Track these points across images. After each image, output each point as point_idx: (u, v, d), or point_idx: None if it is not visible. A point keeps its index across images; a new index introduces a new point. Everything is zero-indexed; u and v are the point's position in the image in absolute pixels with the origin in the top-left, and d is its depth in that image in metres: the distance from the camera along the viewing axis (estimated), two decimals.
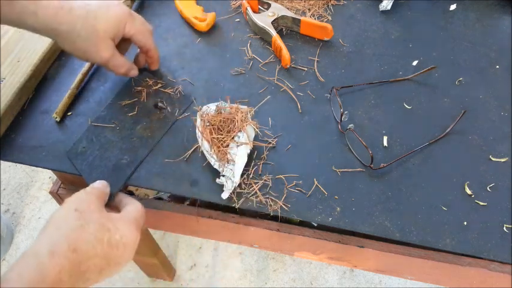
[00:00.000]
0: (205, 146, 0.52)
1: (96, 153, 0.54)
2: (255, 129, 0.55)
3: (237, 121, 0.52)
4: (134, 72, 0.60)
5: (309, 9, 0.73)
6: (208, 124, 0.53)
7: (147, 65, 0.63)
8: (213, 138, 0.52)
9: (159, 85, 0.62)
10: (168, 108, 0.59)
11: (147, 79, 0.62)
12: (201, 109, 0.55)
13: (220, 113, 0.53)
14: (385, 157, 0.56)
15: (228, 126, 0.52)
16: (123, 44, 0.58)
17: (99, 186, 0.48)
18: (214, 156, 0.52)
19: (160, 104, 0.59)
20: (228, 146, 0.51)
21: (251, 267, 1.26)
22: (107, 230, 0.41)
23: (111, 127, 0.57)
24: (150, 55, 0.60)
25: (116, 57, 0.55)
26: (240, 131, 0.52)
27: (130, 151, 0.55)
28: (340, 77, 0.65)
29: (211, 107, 0.54)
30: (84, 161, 0.54)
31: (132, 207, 0.47)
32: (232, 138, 0.52)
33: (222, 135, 0.52)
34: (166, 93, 0.61)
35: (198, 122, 0.54)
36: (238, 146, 0.51)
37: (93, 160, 0.53)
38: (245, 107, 0.55)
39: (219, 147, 0.51)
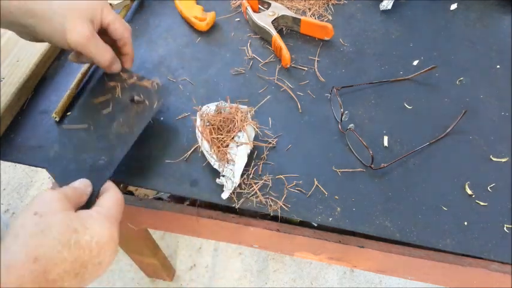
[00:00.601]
0: (205, 146, 0.52)
1: (70, 157, 0.50)
2: (255, 129, 0.55)
3: (237, 121, 0.52)
4: (117, 66, 0.55)
5: (309, 9, 0.73)
6: (208, 124, 0.53)
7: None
8: (213, 138, 0.52)
9: (135, 77, 0.57)
10: (146, 101, 0.55)
11: (121, 73, 0.57)
12: (201, 109, 0.54)
13: (220, 113, 0.53)
14: (386, 157, 0.56)
15: (228, 126, 0.52)
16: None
17: (79, 186, 0.45)
18: (214, 156, 0.52)
19: (137, 98, 0.55)
20: (228, 146, 0.51)
21: (251, 267, 1.26)
22: (73, 231, 0.37)
23: (84, 128, 0.53)
24: (125, 50, 0.56)
25: (97, 39, 0.50)
26: (240, 131, 0.52)
27: (108, 150, 0.51)
28: (340, 76, 0.65)
29: (211, 107, 0.54)
30: (58, 166, 0.50)
31: (106, 198, 0.44)
32: (232, 138, 0.52)
33: (222, 135, 0.52)
34: (143, 86, 0.57)
35: (198, 122, 0.54)
36: (238, 146, 0.51)
37: (68, 164, 0.50)
38: (245, 107, 0.55)
39: (219, 147, 0.51)
